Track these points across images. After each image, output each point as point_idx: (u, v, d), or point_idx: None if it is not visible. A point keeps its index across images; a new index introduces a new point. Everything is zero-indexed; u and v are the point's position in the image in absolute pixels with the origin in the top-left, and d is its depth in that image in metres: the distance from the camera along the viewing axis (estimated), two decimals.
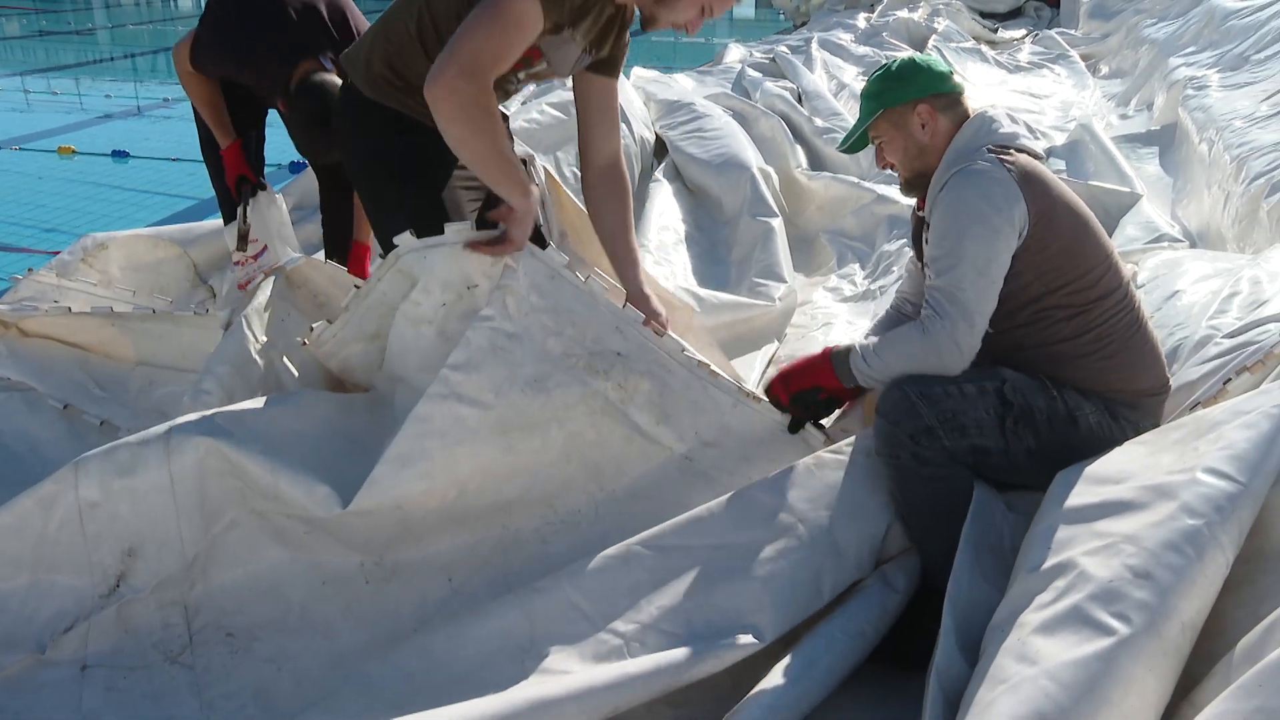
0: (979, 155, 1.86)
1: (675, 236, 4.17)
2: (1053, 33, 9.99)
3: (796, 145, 5.32)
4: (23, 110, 9.65)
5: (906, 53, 4.22)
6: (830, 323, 3.60)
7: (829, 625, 1.65)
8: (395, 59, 2.07)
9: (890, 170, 2.04)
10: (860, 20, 10.37)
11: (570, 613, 1.66)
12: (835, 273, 4.12)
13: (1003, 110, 2.01)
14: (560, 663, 1.57)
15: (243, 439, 1.77)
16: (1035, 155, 1.93)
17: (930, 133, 1.95)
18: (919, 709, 1.45)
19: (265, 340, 2.18)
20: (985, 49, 9.08)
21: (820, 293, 3.95)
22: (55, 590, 1.72)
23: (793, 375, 2.00)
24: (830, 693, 1.57)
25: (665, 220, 4.23)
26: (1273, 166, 3.60)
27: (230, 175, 3.02)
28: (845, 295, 3.90)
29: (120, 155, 7.36)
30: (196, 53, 2.83)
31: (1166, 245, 3.41)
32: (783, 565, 1.69)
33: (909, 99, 1.95)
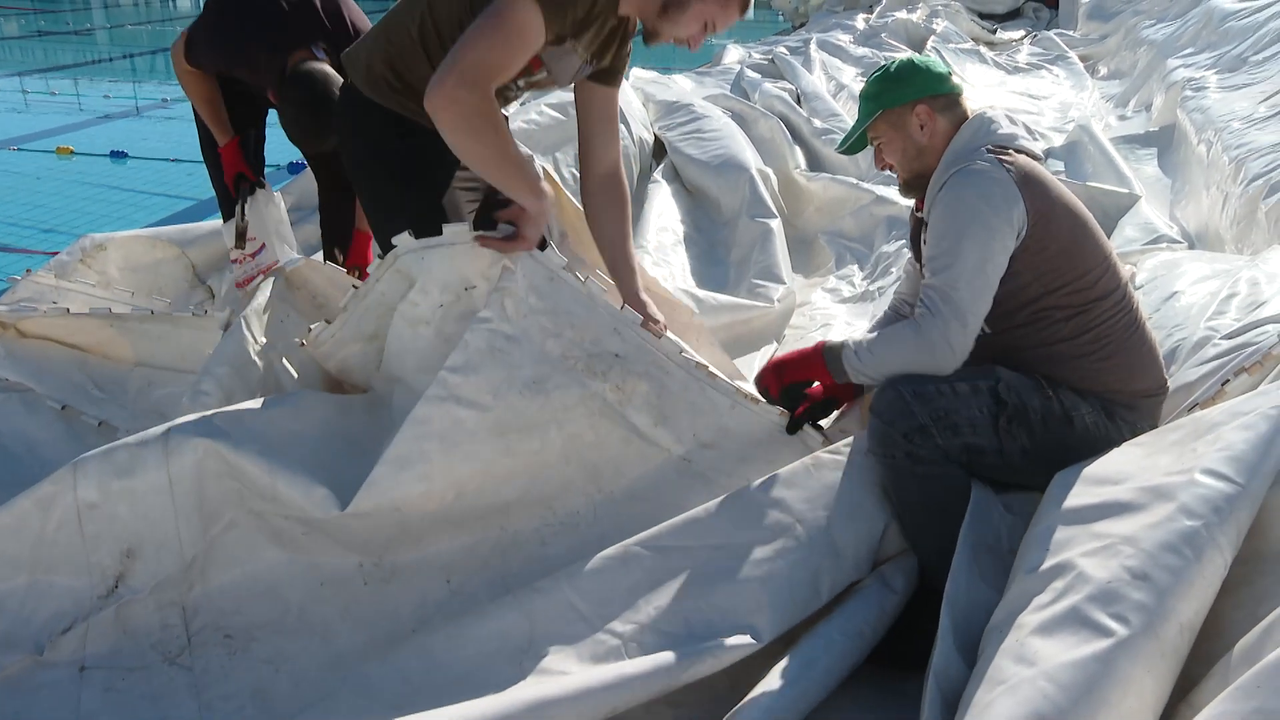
0: (978, 156, 1.86)
1: (674, 237, 4.17)
2: (1051, 34, 10.00)
3: (795, 146, 5.32)
4: (21, 110, 9.65)
5: (905, 54, 4.22)
6: (829, 324, 3.60)
7: (827, 626, 1.65)
8: (397, 61, 2.07)
9: (889, 171, 2.05)
10: (859, 21, 10.37)
11: (568, 613, 1.66)
12: (834, 274, 4.12)
13: (1001, 111, 2.01)
14: (558, 663, 1.57)
15: (241, 440, 1.77)
16: (1034, 156, 1.93)
17: (929, 134, 1.96)
18: (917, 710, 1.46)
19: (264, 341, 2.17)
20: (984, 50, 9.09)
21: (819, 294, 3.95)
22: (53, 591, 1.71)
23: (786, 367, 2.00)
24: (829, 694, 1.57)
25: (664, 221, 4.23)
26: (1271, 168, 3.60)
27: (228, 173, 3.02)
28: (844, 296, 3.90)
29: (119, 156, 7.36)
30: (191, 48, 2.83)
31: (1165, 246, 3.42)
32: (781, 566, 1.69)
33: (908, 100, 1.95)
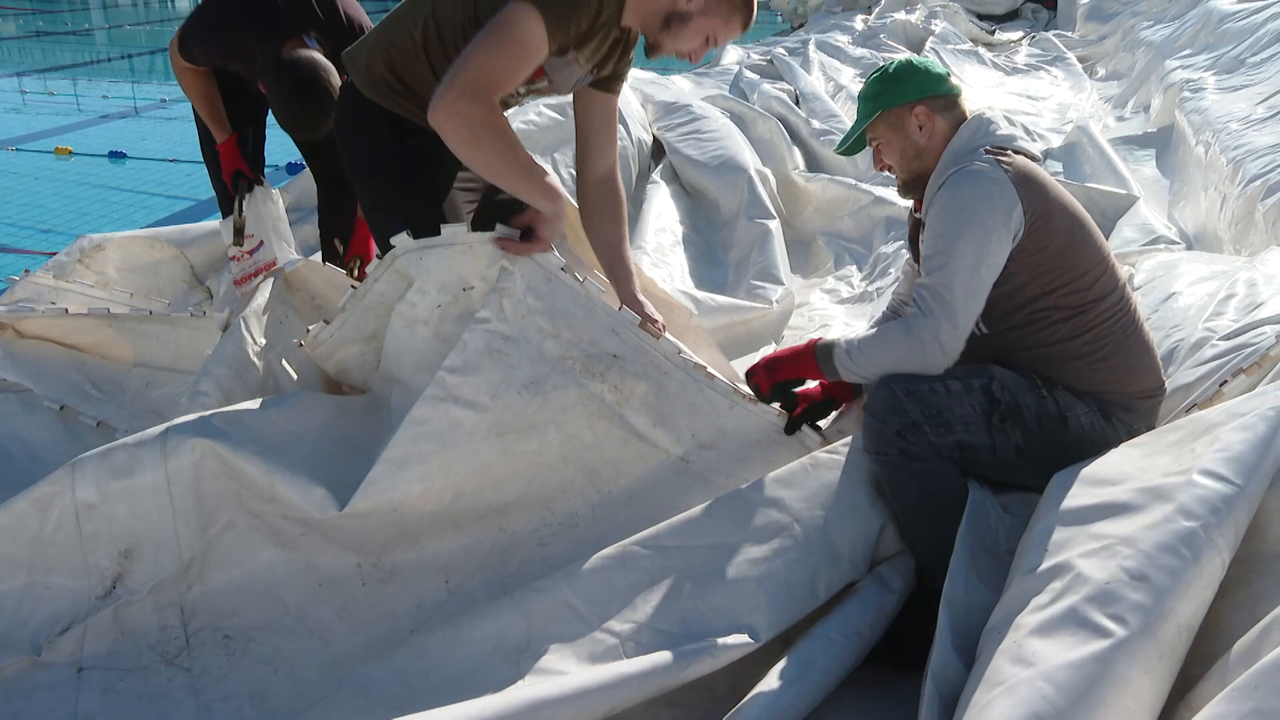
0: (976, 157, 1.86)
1: (673, 238, 4.17)
2: (1050, 35, 10.00)
3: (794, 147, 5.33)
4: (19, 111, 9.65)
5: (904, 55, 4.23)
6: (827, 324, 3.60)
7: (825, 626, 1.65)
8: (398, 64, 2.07)
9: (888, 172, 2.05)
10: (857, 22, 10.38)
11: (566, 613, 1.66)
12: (832, 275, 4.12)
13: (1000, 112, 2.02)
14: (556, 663, 1.57)
15: (239, 440, 1.77)
16: (1032, 157, 1.93)
17: (928, 134, 1.96)
18: (915, 710, 1.46)
19: (264, 343, 2.17)
20: (982, 51, 9.09)
21: (817, 294, 3.96)
22: (51, 592, 1.71)
23: (778, 365, 2.00)
24: (828, 694, 1.57)
25: (663, 222, 4.23)
26: (1269, 169, 3.61)
27: (226, 170, 3.03)
28: (842, 297, 3.90)
29: (117, 156, 7.35)
30: (185, 42, 2.84)
31: (1163, 247, 3.42)
32: (778, 565, 1.69)
33: (906, 101, 1.95)
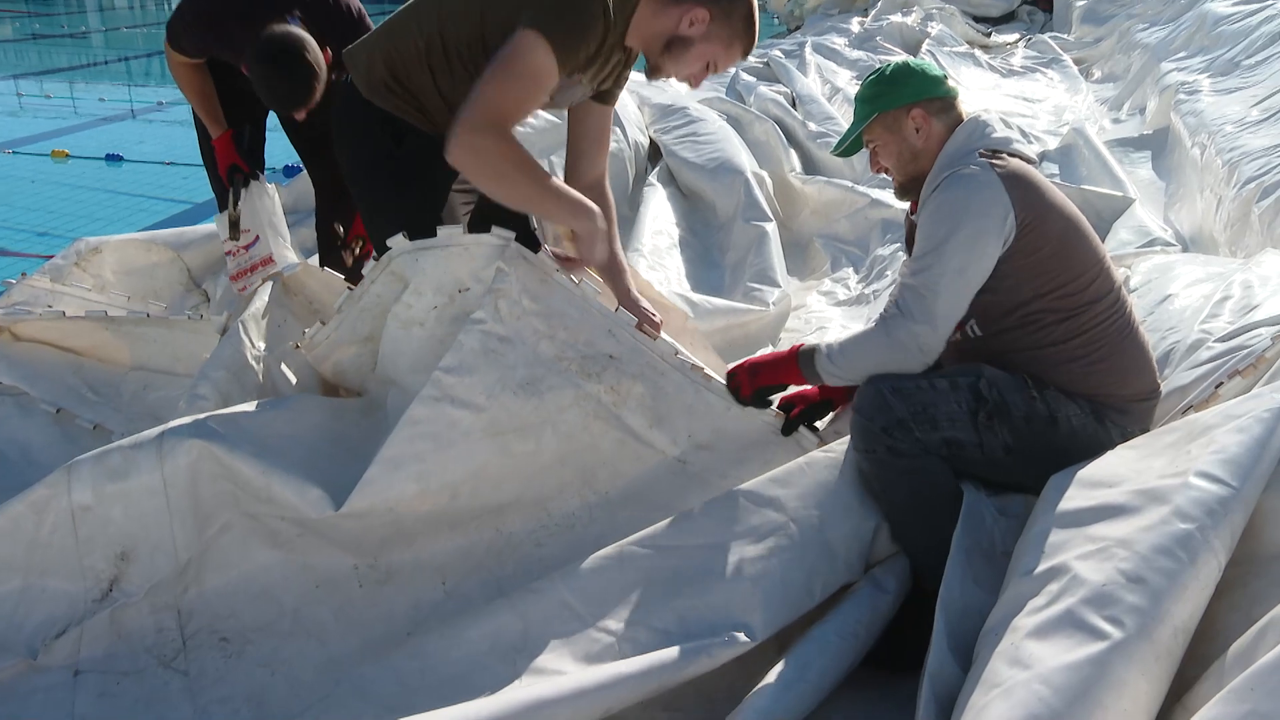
0: (970, 160, 1.87)
1: (669, 241, 4.18)
2: (1046, 37, 10.01)
3: (790, 149, 5.33)
4: (16, 113, 9.64)
5: (900, 57, 4.23)
6: (824, 327, 3.60)
7: (822, 628, 1.65)
8: (398, 68, 2.07)
9: (885, 174, 2.05)
10: (854, 24, 10.39)
11: (562, 612, 1.66)
12: (829, 277, 4.12)
13: (996, 114, 2.02)
14: (552, 661, 1.57)
15: (235, 441, 1.77)
16: (1028, 159, 1.93)
17: (924, 137, 1.96)
18: (912, 712, 1.46)
19: (262, 346, 2.18)
20: (978, 53, 9.10)
21: (814, 297, 3.96)
22: (47, 595, 1.71)
23: (760, 370, 1.99)
24: (825, 696, 1.57)
25: (659, 225, 4.24)
26: (1263, 171, 3.62)
27: (222, 164, 3.03)
28: (839, 299, 3.91)
29: (114, 159, 7.35)
30: (174, 32, 2.85)
31: (1159, 249, 3.43)
32: (774, 564, 1.69)
33: (903, 103, 1.95)
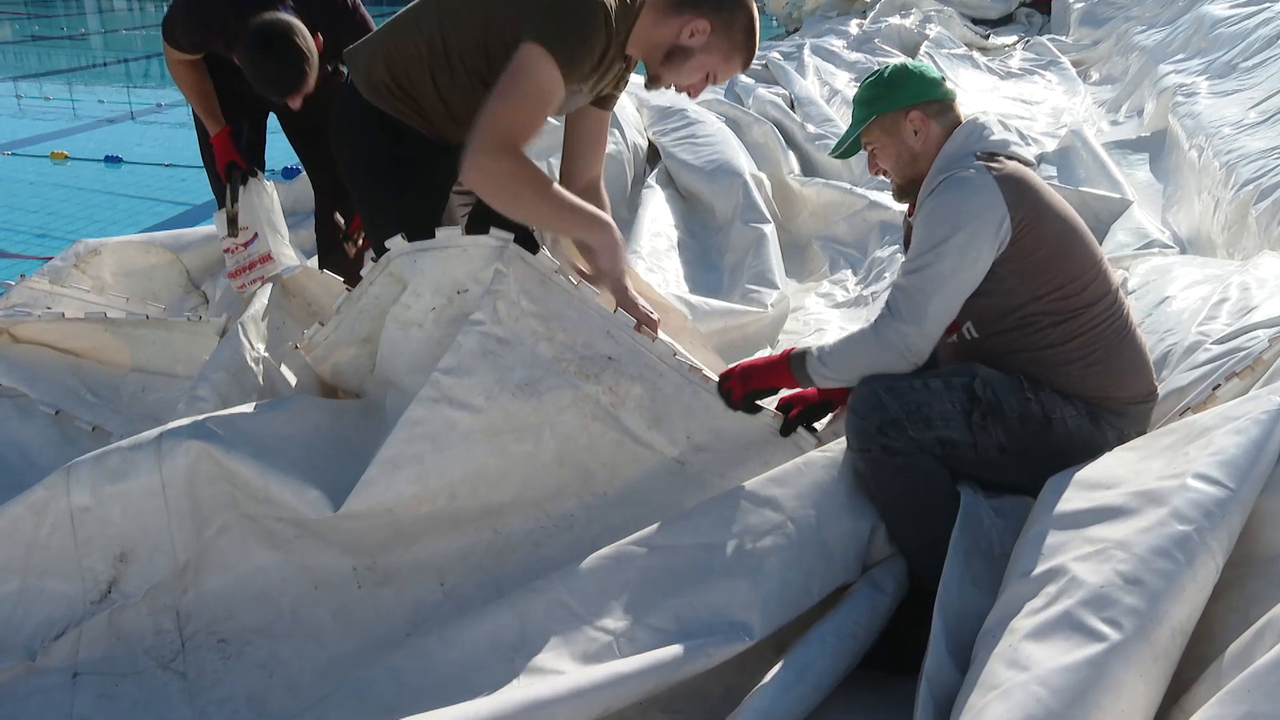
0: (967, 162, 1.87)
1: (668, 243, 4.18)
2: (1044, 39, 10.02)
3: (789, 151, 5.34)
4: (15, 115, 9.64)
5: (898, 59, 4.23)
6: (823, 329, 3.60)
7: (820, 629, 1.65)
8: (399, 71, 2.07)
9: (883, 176, 2.05)
10: (852, 27, 10.40)
11: (560, 611, 1.66)
12: (828, 279, 4.13)
13: (994, 117, 2.02)
14: (551, 661, 1.57)
15: (234, 443, 1.77)
16: (1025, 162, 1.94)
17: (922, 139, 1.96)
18: (910, 713, 1.46)
19: (261, 348, 2.18)
20: (977, 55, 9.12)
21: (813, 299, 3.96)
22: (46, 596, 1.71)
23: (753, 374, 1.99)
24: (824, 697, 1.57)
25: (658, 226, 4.24)
26: (1261, 173, 3.62)
27: (220, 162, 3.03)
28: (838, 301, 3.91)
29: (113, 160, 7.35)
30: (169, 27, 2.85)
31: (1157, 251, 3.43)
32: (772, 564, 1.70)
33: (901, 105, 1.95)
